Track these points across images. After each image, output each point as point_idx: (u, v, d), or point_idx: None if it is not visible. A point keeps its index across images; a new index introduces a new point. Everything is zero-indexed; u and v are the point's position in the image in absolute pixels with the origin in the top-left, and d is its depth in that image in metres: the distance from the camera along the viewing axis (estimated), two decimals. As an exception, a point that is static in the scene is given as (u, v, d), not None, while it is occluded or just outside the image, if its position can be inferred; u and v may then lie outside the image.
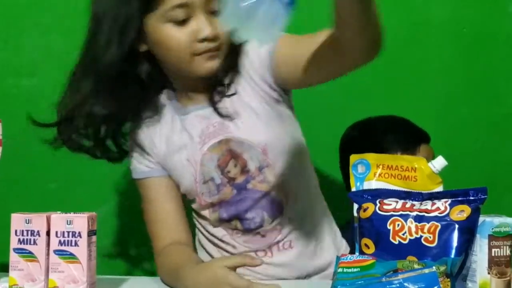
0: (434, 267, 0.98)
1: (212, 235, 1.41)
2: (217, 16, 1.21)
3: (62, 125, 1.34)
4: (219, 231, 1.39)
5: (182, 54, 1.26)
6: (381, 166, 1.25)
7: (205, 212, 1.39)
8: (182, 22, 1.24)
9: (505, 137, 1.91)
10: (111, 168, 1.83)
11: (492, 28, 1.90)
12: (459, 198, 1.11)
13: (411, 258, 1.06)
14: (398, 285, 0.96)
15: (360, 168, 1.25)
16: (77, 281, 1.10)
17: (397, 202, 1.14)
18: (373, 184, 1.24)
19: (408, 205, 1.12)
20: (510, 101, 1.91)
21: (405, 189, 1.19)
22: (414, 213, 1.11)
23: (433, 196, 1.14)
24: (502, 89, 1.93)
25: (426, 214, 1.10)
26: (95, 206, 1.69)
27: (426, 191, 1.16)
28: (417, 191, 1.16)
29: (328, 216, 1.47)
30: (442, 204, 1.11)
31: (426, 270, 0.98)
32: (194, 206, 1.41)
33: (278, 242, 1.37)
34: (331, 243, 1.43)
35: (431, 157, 1.59)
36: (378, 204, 1.14)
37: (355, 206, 1.17)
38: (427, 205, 1.12)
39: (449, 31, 1.90)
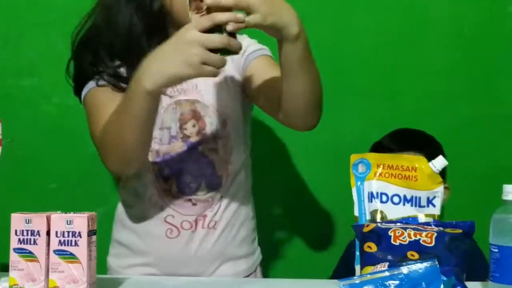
0: (436, 261, 1.04)
1: (138, 195, 1.39)
2: None
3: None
4: (149, 190, 1.38)
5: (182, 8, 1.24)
6: (381, 166, 1.25)
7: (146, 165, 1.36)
8: None
9: (505, 137, 1.91)
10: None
11: (492, 28, 1.90)
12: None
13: (411, 252, 1.11)
14: (402, 276, 1.03)
15: (361, 168, 1.26)
16: (77, 281, 1.10)
17: (395, 224, 1.18)
18: (373, 183, 1.24)
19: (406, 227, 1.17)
20: (510, 101, 1.91)
21: (405, 188, 1.23)
22: (413, 226, 1.16)
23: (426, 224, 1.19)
24: (502, 89, 1.93)
25: (422, 228, 1.16)
26: (95, 206, 1.70)
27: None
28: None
29: (252, 219, 1.47)
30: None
31: (428, 264, 1.04)
32: None
33: (205, 216, 1.37)
34: (249, 244, 1.45)
35: None
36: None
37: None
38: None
39: (449, 31, 1.90)
